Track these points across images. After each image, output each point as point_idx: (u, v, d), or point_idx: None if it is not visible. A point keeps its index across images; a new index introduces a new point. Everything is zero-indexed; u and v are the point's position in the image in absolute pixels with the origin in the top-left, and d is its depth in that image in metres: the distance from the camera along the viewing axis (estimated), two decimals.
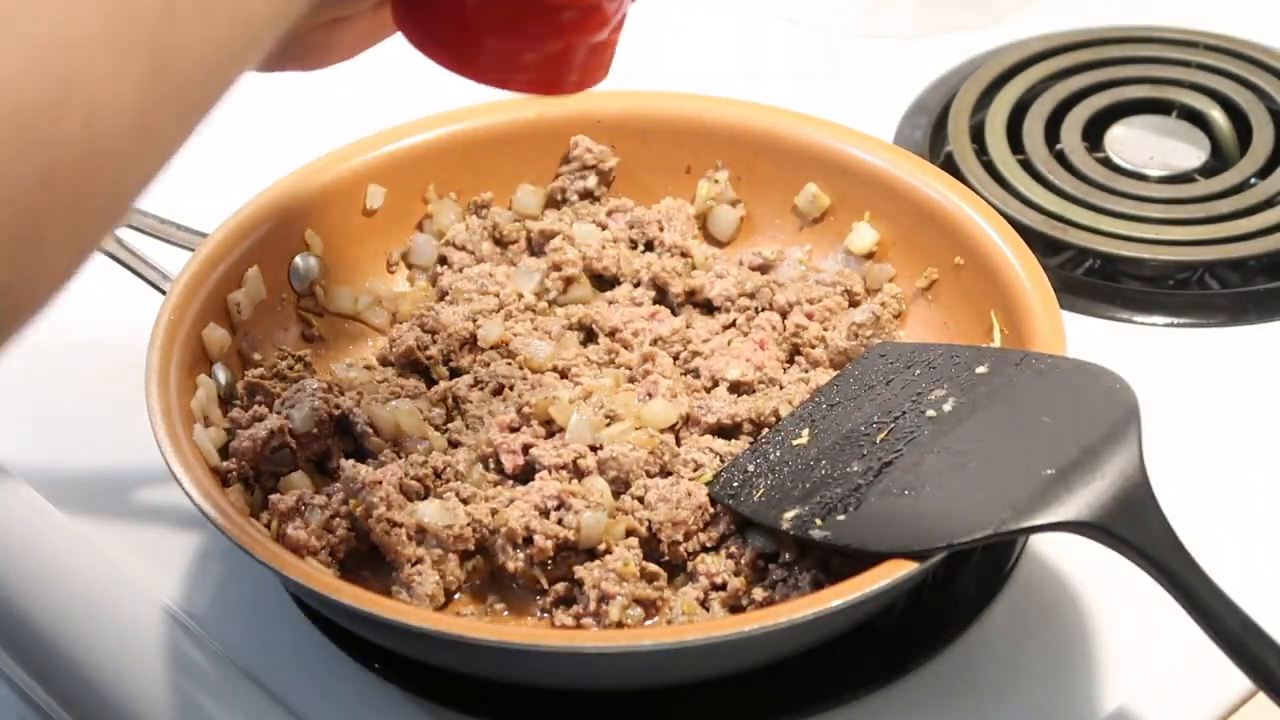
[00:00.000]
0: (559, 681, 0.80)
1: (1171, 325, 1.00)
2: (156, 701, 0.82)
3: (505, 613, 0.83)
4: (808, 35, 1.22)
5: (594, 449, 0.85)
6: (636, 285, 0.96)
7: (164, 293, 0.88)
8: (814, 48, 1.21)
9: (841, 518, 0.77)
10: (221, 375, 0.88)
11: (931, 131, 1.12)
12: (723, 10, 1.24)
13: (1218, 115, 1.12)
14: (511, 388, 0.89)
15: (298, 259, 0.94)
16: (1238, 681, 0.72)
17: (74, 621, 0.86)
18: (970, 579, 0.85)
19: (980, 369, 0.82)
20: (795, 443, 0.83)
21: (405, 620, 0.74)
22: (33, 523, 0.90)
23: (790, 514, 0.79)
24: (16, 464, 0.92)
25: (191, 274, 0.88)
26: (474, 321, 0.93)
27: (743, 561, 0.81)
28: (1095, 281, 1.02)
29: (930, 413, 0.81)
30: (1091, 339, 0.95)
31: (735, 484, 0.83)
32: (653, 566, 0.81)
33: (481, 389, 0.90)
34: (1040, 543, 0.86)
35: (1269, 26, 1.19)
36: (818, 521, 0.77)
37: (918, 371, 0.84)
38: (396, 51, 1.13)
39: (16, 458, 0.93)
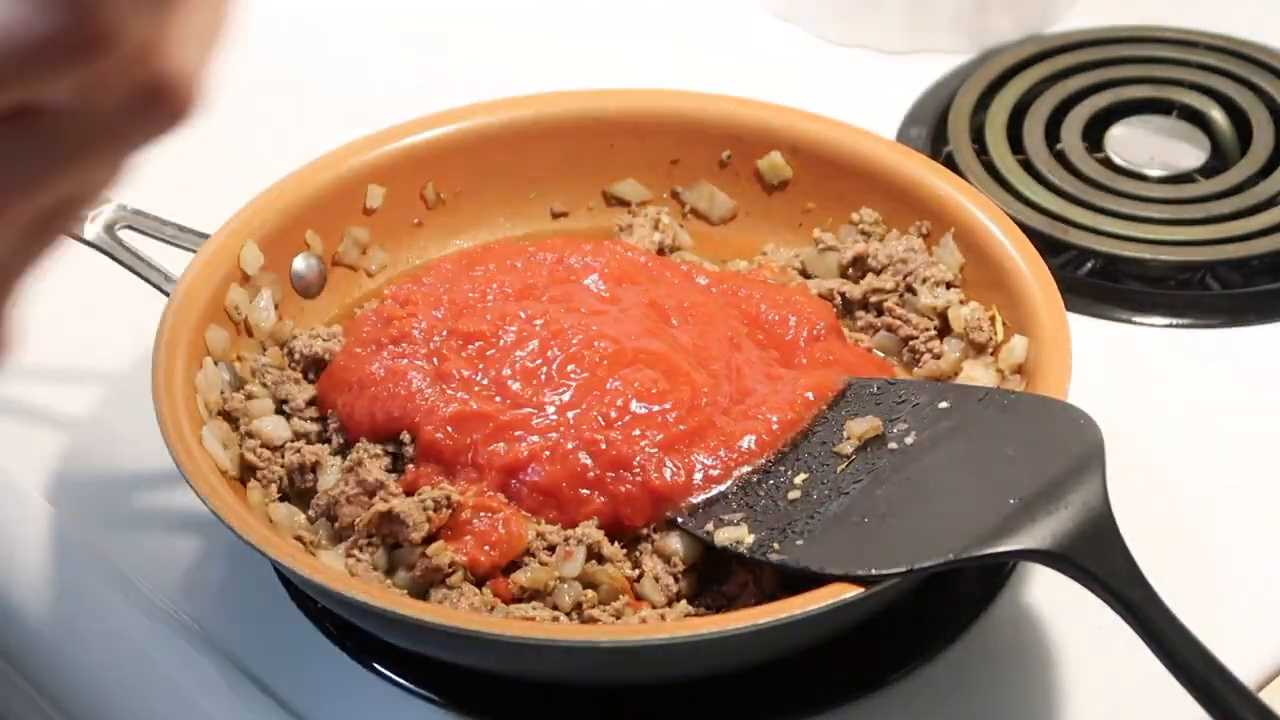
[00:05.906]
0: (570, 676, 0.80)
1: (1171, 325, 1.00)
2: (158, 703, 0.82)
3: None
4: (808, 35, 1.21)
5: None
6: None
7: (167, 294, 0.88)
8: (814, 47, 1.21)
9: (800, 543, 0.77)
10: (226, 375, 0.88)
11: (931, 132, 1.12)
12: (722, 11, 1.24)
13: (1218, 115, 1.12)
14: None
15: (298, 259, 0.93)
16: None
17: (74, 623, 0.86)
18: (972, 580, 0.85)
19: (942, 404, 0.82)
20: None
21: (421, 616, 0.74)
22: (32, 524, 0.89)
23: (749, 538, 0.78)
24: (16, 465, 0.92)
25: (194, 275, 0.88)
26: None
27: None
28: (1095, 282, 1.02)
29: (892, 445, 0.81)
30: (1091, 339, 0.95)
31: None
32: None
33: None
34: None
35: (1269, 26, 1.19)
36: (775, 546, 0.77)
37: (878, 405, 0.84)
38: (396, 52, 1.13)
39: (16, 459, 0.92)
